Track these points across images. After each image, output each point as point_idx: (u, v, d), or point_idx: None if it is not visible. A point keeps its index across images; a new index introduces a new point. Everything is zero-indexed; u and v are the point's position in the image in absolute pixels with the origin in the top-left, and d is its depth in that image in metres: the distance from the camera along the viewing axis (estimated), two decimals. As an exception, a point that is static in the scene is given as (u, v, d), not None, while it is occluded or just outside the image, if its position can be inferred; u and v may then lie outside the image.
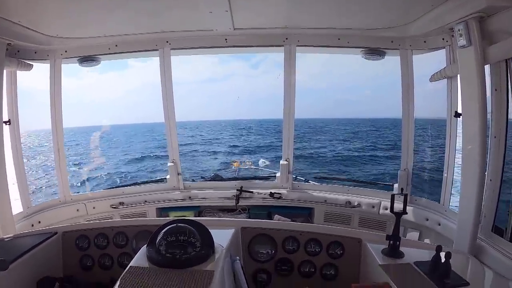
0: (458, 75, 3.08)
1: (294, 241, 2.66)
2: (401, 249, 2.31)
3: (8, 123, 3.51)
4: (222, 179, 5.48)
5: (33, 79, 3.86)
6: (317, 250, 2.63)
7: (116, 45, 3.88)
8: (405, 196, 2.39)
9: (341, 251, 2.59)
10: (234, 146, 41.54)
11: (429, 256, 2.06)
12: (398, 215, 2.33)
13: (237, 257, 2.29)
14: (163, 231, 2.04)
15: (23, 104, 3.77)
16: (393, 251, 2.29)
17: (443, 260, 1.96)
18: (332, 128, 61.38)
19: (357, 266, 2.54)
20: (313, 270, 2.63)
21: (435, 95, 3.72)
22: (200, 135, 53.75)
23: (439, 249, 2.01)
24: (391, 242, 2.30)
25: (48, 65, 3.83)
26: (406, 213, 2.36)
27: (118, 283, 1.77)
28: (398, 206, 2.36)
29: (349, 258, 2.56)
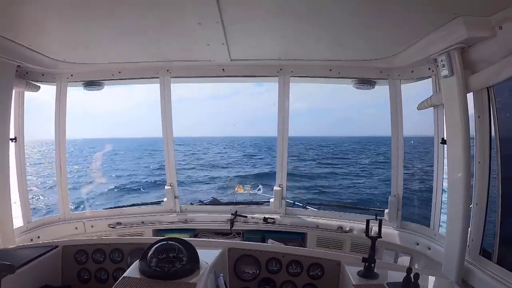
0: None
1: (277, 262, 2.80)
2: (378, 271, 2.42)
3: (14, 140, 3.70)
4: (218, 203, 5.56)
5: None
6: (298, 271, 2.76)
7: (120, 72, 4.09)
8: (380, 221, 2.55)
9: (321, 273, 2.71)
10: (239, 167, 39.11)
11: (403, 277, 2.14)
12: (373, 238, 2.49)
13: (221, 274, 2.43)
14: (154, 247, 2.24)
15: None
16: (368, 272, 2.41)
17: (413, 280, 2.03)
18: (351, 148, 57.76)
19: (335, 287, 2.64)
20: None
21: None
22: (204, 154, 51.49)
23: (409, 270, 2.13)
24: (366, 264, 2.42)
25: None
26: (381, 237, 2.50)
27: None
28: (386, 230, 2.49)
29: (328, 279, 2.68)
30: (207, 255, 2.43)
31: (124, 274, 2.13)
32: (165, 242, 2.27)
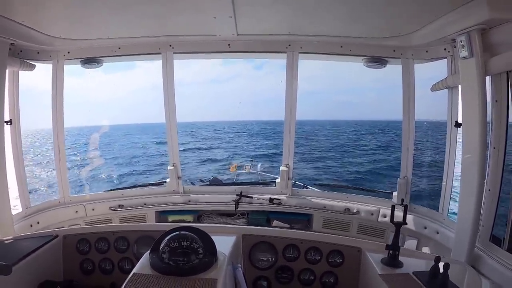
0: (459, 86, 3.10)
1: (294, 249, 2.68)
2: (400, 258, 2.33)
3: (9, 123, 3.51)
4: (221, 184, 5.49)
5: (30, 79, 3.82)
6: (317, 258, 2.64)
7: (119, 48, 3.88)
8: (405, 206, 2.42)
9: (341, 260, 2.60)
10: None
11: (427, 265, 2.09)
12: (398, 225, 2.36)
13: (239, 265, 2.30)
14: (167, 238, 2.04)
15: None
16: (392, 260, 2.31)
17: (441, 270, 1.97)
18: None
19: (356, 275, 2.56)
20: (313, 278, 2.64)
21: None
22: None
23: (437, 259, 2.03)
24: (391, 251, 2.32)
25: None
26: (406, 224, 2.38)
27: None
28: (398, 215, 2.39)
29: (348, 267, 2.58)
30: (221, 243, 2.25)
31: (134, 270, 1.96)
32: (177, 232, 2.08)
